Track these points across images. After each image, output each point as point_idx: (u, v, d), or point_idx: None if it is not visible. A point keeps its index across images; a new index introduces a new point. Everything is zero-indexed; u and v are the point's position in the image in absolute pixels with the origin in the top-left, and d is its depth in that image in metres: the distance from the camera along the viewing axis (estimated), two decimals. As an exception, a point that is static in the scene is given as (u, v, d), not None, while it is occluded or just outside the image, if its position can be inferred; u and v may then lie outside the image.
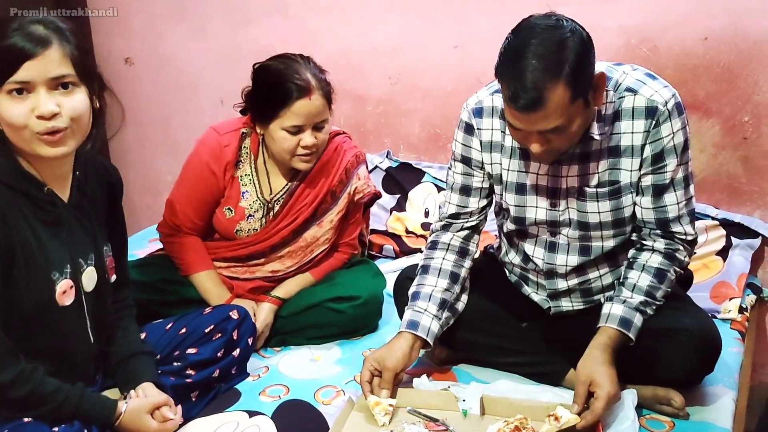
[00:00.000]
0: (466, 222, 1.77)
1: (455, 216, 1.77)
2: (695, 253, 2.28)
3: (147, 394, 1.46)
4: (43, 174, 1.32)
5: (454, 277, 1.73)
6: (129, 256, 1.86)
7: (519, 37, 1.41)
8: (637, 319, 1.57)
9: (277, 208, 2.01)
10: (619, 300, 1.58)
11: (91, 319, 1.43)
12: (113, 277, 1.49)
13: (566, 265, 1.70)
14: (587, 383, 1.48)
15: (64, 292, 1.35)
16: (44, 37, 1.22)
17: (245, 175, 1.99)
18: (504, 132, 1.66)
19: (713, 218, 2.32)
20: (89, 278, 1.41)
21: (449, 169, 1.78)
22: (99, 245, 1.44)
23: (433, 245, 1.77)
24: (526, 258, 1.76)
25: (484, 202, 1.76)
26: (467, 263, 1.76)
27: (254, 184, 1.99)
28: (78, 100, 1.26)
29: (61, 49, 1.24)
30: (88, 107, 1.30)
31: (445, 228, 1.78)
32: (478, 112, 1.68)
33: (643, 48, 2.35)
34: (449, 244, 1.76)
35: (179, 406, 1.50)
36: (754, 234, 2.31)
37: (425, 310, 1.67)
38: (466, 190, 1.75)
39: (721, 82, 2.30)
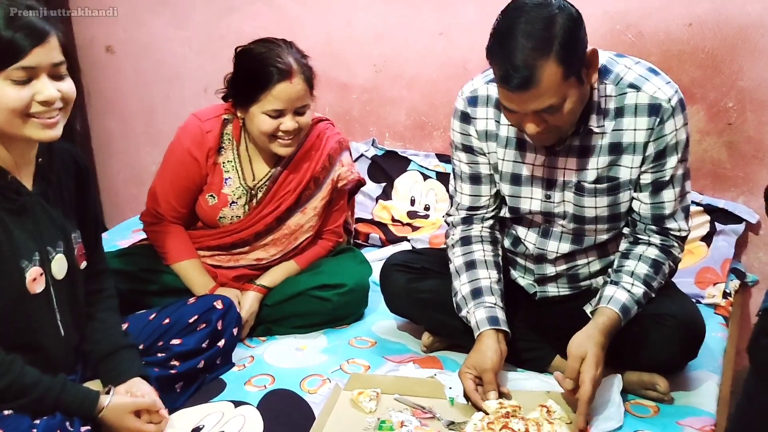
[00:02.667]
0: (486, 212, 1.75)
1: (474, 208, 1.75)
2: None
3: (137, 390, 1.45)
4: (6, 162, 1.33)
5: (498, 268, 1.72)
6: (113, 247, 1.85)
7: (507, 17, 1.41)
8: (633, 311, 1.57)
9: (260, 194, 1.99)
10: (622, 287, 1.57)
11: (61, 310, 1.42)
12: (83, 264, 1.48)
13: (557, 252, 1.70)
14: (580, 359, 1.48)
15: (34, 279, 1.34)
16: (45, 27, 1.27)
17: (228, 161, 1.97)
18: (498, 122, 1.64)
19: (697, 204, 2.33)
20: (59, 266, 1.40)
21: (453, 160, 1.76)
22: (67, 232, 1.43)
23: (467, 240, 1.74)
24: (517, 241, 1.76)
25: (495, 188, 1.73)
26: (500, 251, 1.76)
27: (237, 170, 1.98)
28: (70, 86, 1.32)
29: (57, 38, 1.29)
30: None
31: (468, 221, 1.76)
32: (473, 101, 1.67)
33: (628, 34, 2.35)
34: (481, 236, 1.74)
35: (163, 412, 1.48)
36: (738, 219, 2.32)
37: (495, 303, 1.65)
38: (475, 179, 1.73)
39: (705, 68, 2.30)
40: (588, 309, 1.61)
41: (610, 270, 1.65)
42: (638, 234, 1.64)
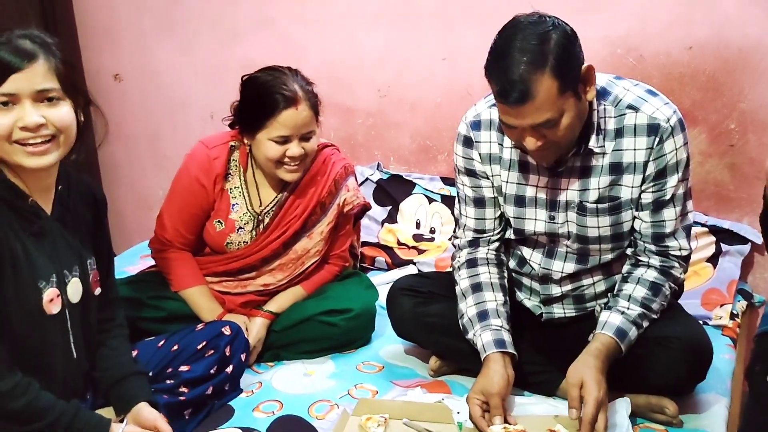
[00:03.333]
0: (492, 235, 1.77)
1: (479, 231, 1.77)
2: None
3: (144, 415, 1.45)
4: (27, 186, 1.34)
5: (504, 290, 1.73)
6: (120, 273, 1.86)
7: (503, 35, 1.45)
8: (632, 333, 1.57)
9: (267, 220, 2.01)
10: (617, 310, 1.58)
11: (75, 333, 1.43)
12: (98, 290, 1.49)
13: (562, 272, 1.71)
14: (578, 386, 1.48)
15: (51, 300, 1.35)
16: (30, 51, 1.25)
17: (235, 187, 1.99)
18: (502, 144, 1.67)
19: (702, 225, 2.34)
20: (74, 290, 1.41)
21: (457, 184, 1.78)
22: (83, 258, 1.45)
23: (473, 263, 1.75)
24: (522, 262, 1.77)
25: (499, 210, 1.75)
26: (506, 274, 1.77)
27: (244, 196, 2.00)
28: (64, 112, 1.30)
29: (47, 63, 1.27)
30: (74, 120, 1.33)
31: (474, 244, 1.78)
32: (476, 125, 1.69)
33: (629, 58, 2.38)
34: (487, 259, 1.76)
35: None
36: (743, 240, 2.33)
37: (501, 326, 1.65)
38: (479, 202, 1.75)
39: (706, 91, 2.32)
40: (590, 338, 1.61)
41: (609, 294, 1.66)
42: (639, 255, 1.65)
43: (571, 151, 1.57)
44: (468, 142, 1.71)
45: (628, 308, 1.58)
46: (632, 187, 1.59)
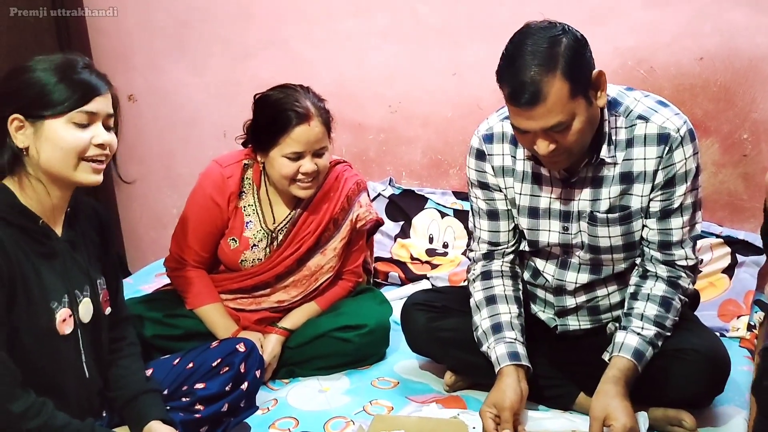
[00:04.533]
0: (507, 248, 1.77)
1: (494, 244, 1.77)
2: (700, 271, 2.29)
3: None
4: (44, 207, 1.38)
5: (519, 302, 1.73)
6: (136, 292, 1.87)
7: (515, 41, 1.47)
8: (648, 353, 1.57)
9: (280, 237, 2.02)
10: (632, 331, 1.57)
11: (87, 352, 1.44)
12: (108, 310, 1.51)
13: (576, 283, 1.71)
14: (602, 419, 1.47)
15: (64, 320, 1.37)
16: (106, 79, 1.40)
17: (248, 205, 2.01)
18: (515, 157, 1.67)
19: (717, 236, 2.33)
20: (86, 309, 1.43)
21: (471, 197, 1.79)
22: (93, 278, 1.47)
23: (488, 275, 1.76)
24: (536, 273, 1.76)
25: (513, 223, 1.75)
26: (521, 286, 1.78)
27: (257, 213, 2.01)
28: (114, 137, 1.42)
29: (110, 92, 1.40)
30: None
31: (488, 257, 1.78)
32: (489, 138, 1.70)
33: (639, 70, 2.38)
34: (502, 271, 1.76)
35: None
36: (759, 251, 2.31)
37: (515, 339, 1.65)
38: (493, 215, 1.75)
39: (718, 101, 2.32)
40: (605, 357, 1.60)
41: (621, 313, 1.65)
42: (646, 265, 1.64)
43: (584, 160, 1.57)
44: (480, 155, 1.72)
45: (642, 328, 1.57)
46: (642, 196, 1.59)
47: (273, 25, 2.86)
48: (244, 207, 2.00)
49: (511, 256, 1.78)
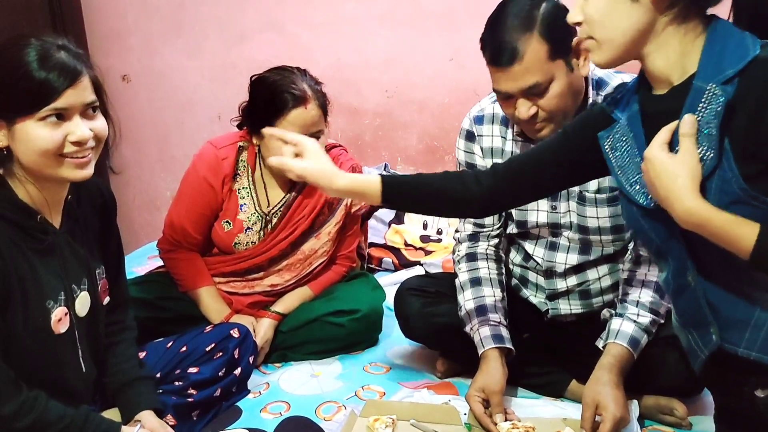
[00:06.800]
0: (492, 230, 1.78)
1: (479, 225, 1.78)
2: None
3: (144, 423, 1.44)
4: (38, 202, 1.32)
5: (502, 286, 1.74)
6: (129, 274, 1.85)
7: (498, 7, 1.51)
8: (644, 341, 1.57)
9: (275, 220, 2.01)
10: (628, 318, 1.58)
11: (83, 346, 1.41)
12: (106, 300, 1.48)
13: (565, 264, 1.71)
14: (593, 406, 1.47)
15: (59, 319, 1.34)
16: (78, 67, 1.26)
17: (243, 188, 2.00)
18: (505, 138, 1.68)
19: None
20: (82, 303, 1.40)
21: None
22: (92, 269, 1.43)
23: (473, 257, 1.77)
24: (527, 257, 1.77)
25: None
26: (504, 270, 1.79)
27: (252, 196, 2.00)
28: (102, 123, 1.32)
29: (89, 76, 1.28)
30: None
31: (474, 238, 1.79)
32: (479, 120, 1.72)
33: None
34: (487, 254, 1.77)
35: None
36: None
37: (499, 321, 1.67)
38: None
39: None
40: (599, 344, 1.60)
41: (615, 299, 1.65)
42: (639, 250, 1.64)
43: None
44: (470, 137, 1.73)
45: (638, 315, 1.58)
46: None
47: (270, 8, 2.84)
48: (239, 189, 1.99)
49: (496, 240, 1.79)
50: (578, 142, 1.29)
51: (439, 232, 2.67)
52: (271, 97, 1.86)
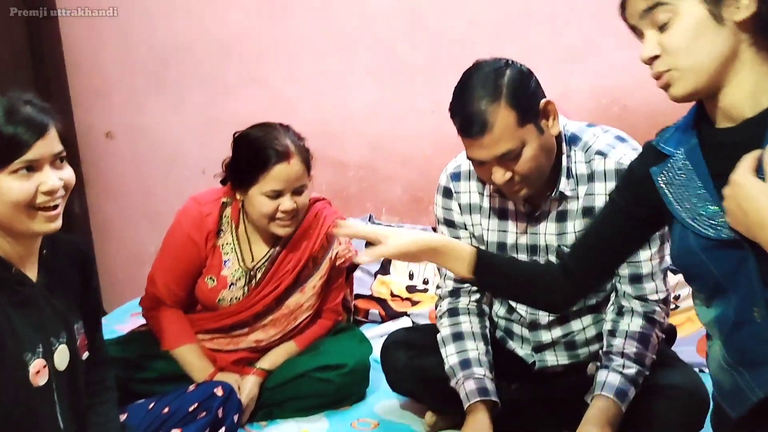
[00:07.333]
0: (472, 287, 1.77)
1: (459, 281, 1.77)
2: (677, 306, 2.31)
3: None
4: (10, 255, 1.33)
5: (486, 340, 1.74)
6: (111, 332, 1.84)
7: (463, 77, 1.53)
8: (631, 393, 1.56)
9: (259, 275, 2.00)
10: (614, 369, 1.57)
11: (61, 402, 1.39)
12: (85, 355, 1.47)
13: (549, 316, 1.71)
14: None
15: (37, 372, 1.32)
16: (44, 120, 1.30)
17: (227, 243, 1.99)
18: (482, 194, 1.70)
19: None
20: (61, 357, 1.38)
21: (438, 234, 1.79)
22: (70, 323, 1.42)
23: (454, 311, 1.76)
24: (510, 309, 1.77)
25: None
26: (488, 323, 1.78)
27: (236, 252, 1.99)
28: (70, 172, 1.35)
29: (56, 128, 1.32)
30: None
31: (455, 294, 1.79)
32: (456, 176, 1.73)
33: (614, 108, 2.42)
34: (468, 308, 1.77)
35: None
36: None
37: (484, 375, 1.66)
38: None
39: (692, 138, 2.35)
40: (588, 399, 1.59)
41: (599, 351, 1.65)
42: (621, 301, 1.65)
43: (546, 193, 1.60)
44: (448, 193, 1.74)
45: (624, 366, 1.57)
46: None
47: (254, 63, 2.88)
48: (222, 245, 1.99)
49: (478, 295, 1.79)
50: (630, 200, 1.28)
51: (426, 282, 2.67)
52: (255, 153, 1.87)
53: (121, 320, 2.53)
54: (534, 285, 1.39)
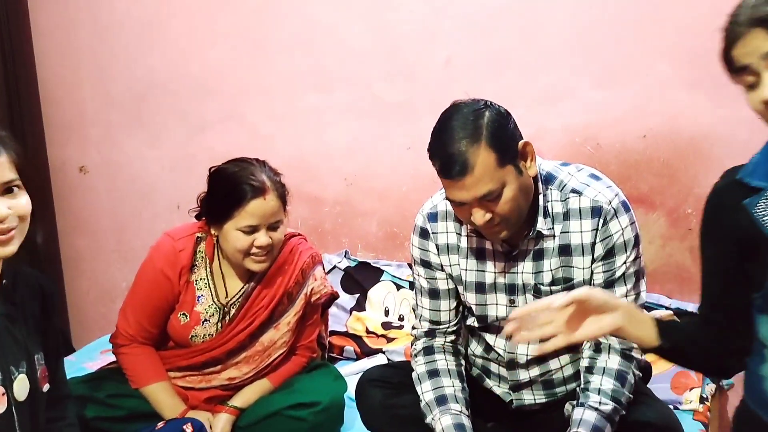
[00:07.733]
0: (448, 327, 1.77)
1: (435, 323, 1.78)
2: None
3: None
4: None
5: (462, 378, 1.73)
6: (80, 370, 1.80)
7: (442, 118, 1.53)
8: (607, 430, 1.55)
9: (233, 311, 1.98)
10: (590, 407, 1.57)
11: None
12: (46, 387, 1.44)
13: (527, 355, 1.71)
14: None
15: None
16: None
17: (200, 279, 1.97)
18: (460, 234, 1.70)
19: (667, 308, 2.36)
20: (21, 387, 1.36)
21: (414, 274, 1.80)
22: (31, 353, 1.40)
23: (430, 350, 1.76)
24: (488, 348, 1.76)
25: (454, 302, 1.76)
26: (463, 362, 1.78)
27: (210, 287, 1.97)
28: (25, 201, 1.33)
29: (8, 156, 1.31)
30: (30, 208, 1.35)
31: (430, 334, 1.78)
32: (433, 217, 1.73)
33: (586, 146, 2.46)
34: (444, 348, 1.76)
35: None
36: (707, 322, 2.34)
37: (461, 411, 1.65)
38: (434, 293, 1.76)
39: (662, 177, 2.40)
40: None
41: (577, 389, 1.65)
42: (599, 338, 1.65)
43: (524, 233, 1.61)
44: (424, 234, 1.74)
45: (600, 403, 1.57)
46: (583, 268, 1.62)
47: (231, 99, 2.89)
48: (196, 281, 1.97)
49: (453, 336, 1.79)
50: (726, 241, 1.29)
51: (401, 319, 2.65)
52: (230, 188, 1.87)
53: (91, 357, 2.47)
54: (706, 354, 1.35)
